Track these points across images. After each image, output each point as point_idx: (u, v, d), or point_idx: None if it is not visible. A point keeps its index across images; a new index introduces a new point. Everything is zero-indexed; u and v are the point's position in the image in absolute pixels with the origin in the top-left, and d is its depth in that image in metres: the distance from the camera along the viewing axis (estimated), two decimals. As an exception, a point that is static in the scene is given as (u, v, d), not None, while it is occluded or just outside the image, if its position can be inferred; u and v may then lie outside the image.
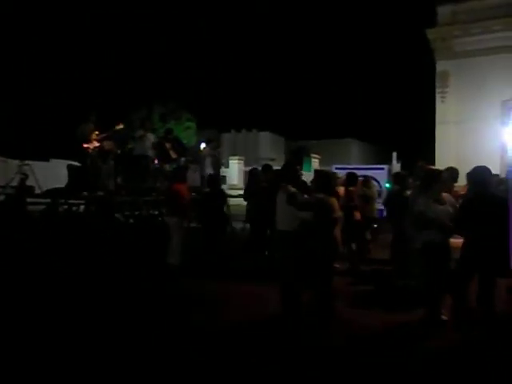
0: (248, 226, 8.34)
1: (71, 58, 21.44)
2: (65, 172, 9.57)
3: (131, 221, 9.59)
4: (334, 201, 4.88)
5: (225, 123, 28.84)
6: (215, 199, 7.61)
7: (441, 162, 12.70)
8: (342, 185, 7.30)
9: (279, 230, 5.14)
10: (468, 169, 6.78)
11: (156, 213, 9.96)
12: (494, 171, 5.58)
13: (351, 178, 7.51)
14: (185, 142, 16.43)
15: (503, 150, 13.97)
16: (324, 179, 5.10)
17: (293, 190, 5.01)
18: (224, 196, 8.06)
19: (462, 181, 5.52)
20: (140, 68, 23.56)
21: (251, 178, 8.06)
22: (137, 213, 9.81)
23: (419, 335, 4.48)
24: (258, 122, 29.66)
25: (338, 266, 5.74)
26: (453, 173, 6.01)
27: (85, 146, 9.02)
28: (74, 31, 21.69)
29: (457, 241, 4.76)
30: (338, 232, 4.85)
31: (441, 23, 15.43)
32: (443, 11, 15.39)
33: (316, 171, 5.85)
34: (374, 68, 37.57)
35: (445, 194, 4.82)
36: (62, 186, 9.32)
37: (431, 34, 15.46)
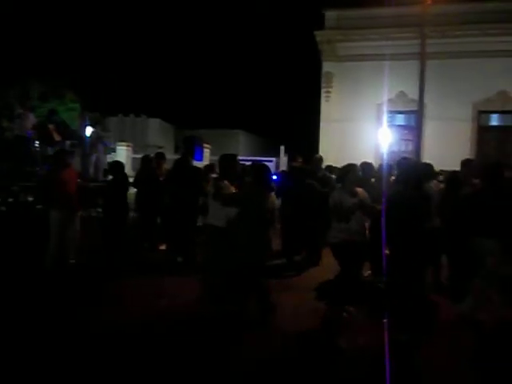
0: (136, 215, 8.16)
1: None
2: None
3: (3, 208, 8.78)
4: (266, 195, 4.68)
5: (111, 107, 27.34)
6: (120, 188, 7.22)
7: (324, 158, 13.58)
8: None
9: (209, 224, 4.96)
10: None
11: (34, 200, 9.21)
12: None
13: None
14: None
15: (377, 149, 15.44)
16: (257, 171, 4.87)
17: (222, 184, 4.80)
18: (127, 184, 7.71)
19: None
20: (16, 40, 21.25)
21: (143, 165, 7.89)
22: (11, 200, 8.98)
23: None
24: (146, 107, 28.70)
25: None
26: (366, 167, 6.29)
27: None
28: None
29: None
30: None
31: (327, 27, 16.40)
32: (330, 16, 16.37)
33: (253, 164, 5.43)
34: (266, 64, 38.70)
35: (359, 189, 5.01)
36: None
37: (319, 36, 16.38)
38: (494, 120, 15.70)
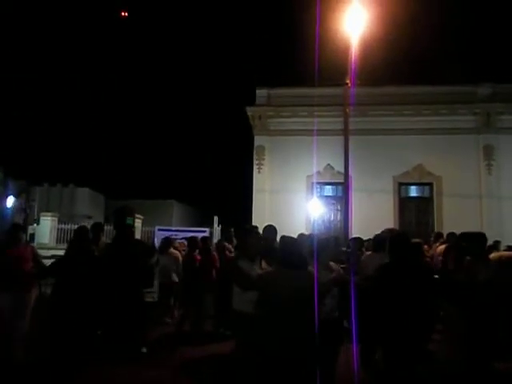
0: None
1: None
2: None
3: None
4: None
5: (37, 175, 26.32)
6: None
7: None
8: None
9: (235, 310, 4.37)
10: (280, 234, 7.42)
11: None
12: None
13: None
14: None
15: (307, 218, 15.91)
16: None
17: (239, 265, 4.24)
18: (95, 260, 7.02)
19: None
20: None
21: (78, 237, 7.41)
22: None
23: None
24: (75, 176, 27.95)
25: None
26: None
27: None
28: None
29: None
30: None
31: (258, 103, 17.31)
32: (260, 93, 17.36)
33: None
34: (200, 136, 39.64)
35: (332, 263, 4.83)
36: None
37: (250, 111, 17.20)
38: (413, 191, 16.90)
